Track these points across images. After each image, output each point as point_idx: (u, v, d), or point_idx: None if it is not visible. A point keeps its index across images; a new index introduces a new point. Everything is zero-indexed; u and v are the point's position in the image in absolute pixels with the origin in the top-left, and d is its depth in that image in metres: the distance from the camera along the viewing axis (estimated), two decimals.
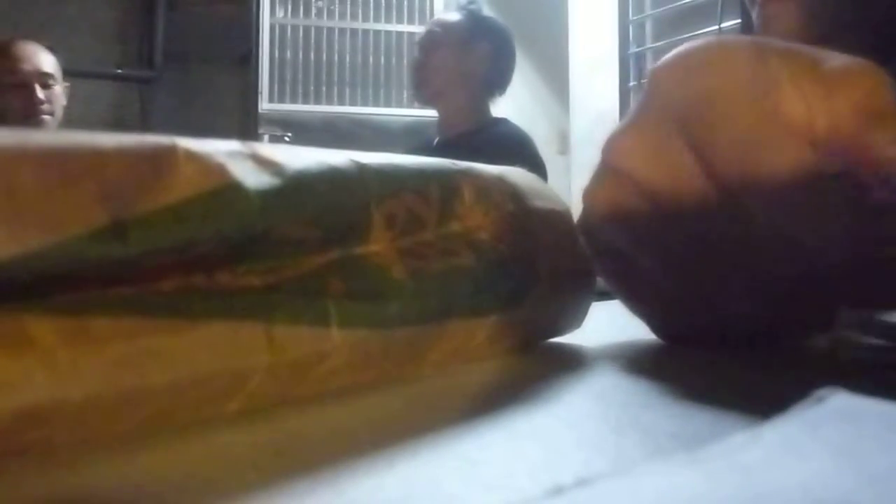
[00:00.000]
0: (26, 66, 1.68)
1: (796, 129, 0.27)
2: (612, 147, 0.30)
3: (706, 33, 2.04)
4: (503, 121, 1.78)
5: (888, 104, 0.28)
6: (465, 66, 1.72)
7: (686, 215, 0.29)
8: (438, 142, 1.77)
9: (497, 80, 1.78)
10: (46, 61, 1.72)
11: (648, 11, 2.50)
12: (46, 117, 1.67)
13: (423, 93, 1.80)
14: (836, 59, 0.28)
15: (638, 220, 0.30)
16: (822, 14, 0.89)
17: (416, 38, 1.93)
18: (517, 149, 1.65)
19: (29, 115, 1.65)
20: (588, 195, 0.31)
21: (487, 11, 1.94)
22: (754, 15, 0.94)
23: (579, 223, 0.32)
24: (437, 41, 1.74)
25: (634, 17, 2.52)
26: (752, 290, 0.29)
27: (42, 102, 1.68)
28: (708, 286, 0.30)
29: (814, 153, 0.27)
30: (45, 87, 1.70)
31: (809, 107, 0.27)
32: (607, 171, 0.30)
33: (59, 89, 1.74)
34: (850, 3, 0.88)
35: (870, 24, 0.89)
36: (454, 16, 1.83)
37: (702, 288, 0.30)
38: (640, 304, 0.33)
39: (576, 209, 0.32)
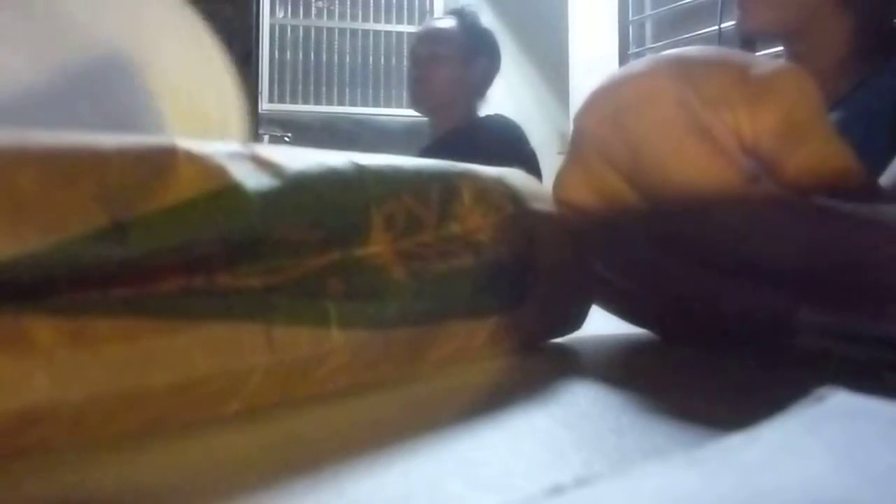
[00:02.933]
0: None
1: (728, 144, 0.28)
2: (559, 184, 0.32)
3: (706, 33, 2.04)
4: (490, 116, 1.82)
5: (808, 117, 0.28)
6: (465, 80, 1.77)
7: (635, 239, 0.29)
8: (431, 143, 1.80)
9: (486, 87, 1.84)
10: None
11: (648, 11, 2.50)
12: None
13: (423, 104, 1.83)
14: (762, 68, 0.29)
15: (598, 247, 0.31)
16: (800, 10, 0.90)
17: (411, 47, 1.95)
18: (506, 137, 1.70)
19: None
20: None
21: (485, 14, 1.98)
22: (735, 10, 0.94)
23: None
24: (439, 56, 1.77)
25: (634, 18, 2.52)
26: (720, 294, 0.29)
27: None
28: (679, 296, 0.30)
29: (751, 166, 0.27)
30: None
31: (737, 118, 0.28)
32: (560, 206, 0.31)
33: None
34: (827, 1, 0.89)
35: (846, 22, 0.90)
36: (449, 23, 1.84)
37: (675, 297, 0.31)
38: (630, 317, 0.34)
39: None
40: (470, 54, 1.78)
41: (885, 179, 0.47)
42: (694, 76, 0.28)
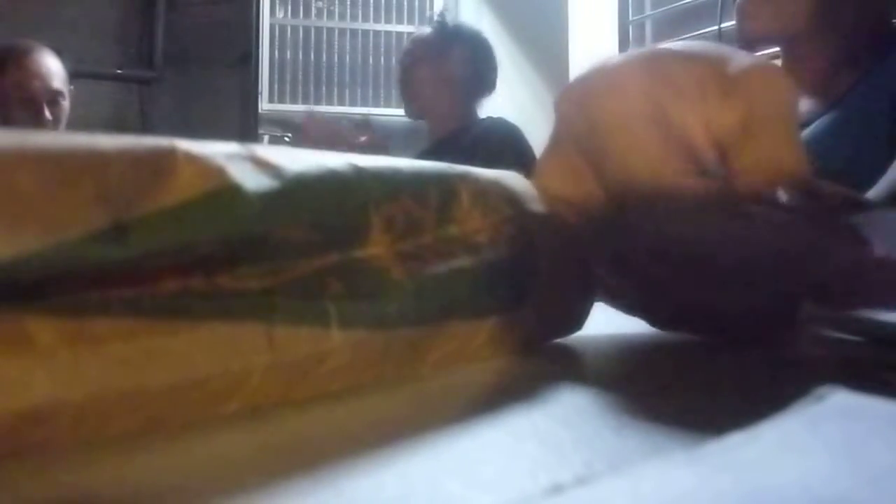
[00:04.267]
0: (37, 83, 1.62)
1: (704, 136, 0.28)
2: (538, 171, 0.32)
3: (706, 33, 2.04)
4: (490, 118, 1.83)
5: (768, 114, 0.28)
6: (444, 74, 1.79)
7: (601, 228, 0.30)
8: (429, 147, 1.81)
9: (479, 82, 1.84)
10: (58, 76, 1.65)
11: (648, 11, 2.50)
12: None
13: (412, 108, 1.87)
14: (738, 63, 0.29)
15: (580, 234, 0.31)
16: (798, 14, 0.90)
17: (398, 60, 2.00)
18: (504, 139, 1.71)
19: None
20: None
21: (476, 14, 1.99)
22: (734, 14, 0.95)
23: None
24: (415, 56, 1.82)
25: (634, 18, 2.52)
26: (693, 287, 0.29)
27: (48, 121, 1.64)
28: (654, 287, 0.30)
29: (716, 161, 0.28)
30: (54, 103, 1.65)
31: (708, 111, 0.28)
32: (540, 193, 0.31)
33: (66, 103, 1.70)
34: (824, 4, 0.89)
35: (843, 24, 0.90)
36: (426, 30, 1.89)
37: (652, 290, 0.31)
38: (617, 304, 0.34)
39: None
40: (445, 48, 1.81)
41: (880, 186, 0.47)
42: (669, 70, 0.29)
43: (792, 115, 0.28)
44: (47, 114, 1.64)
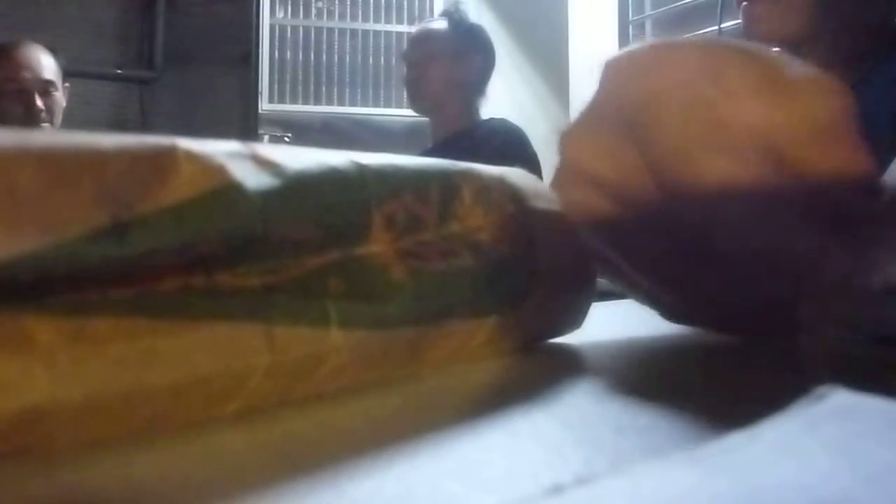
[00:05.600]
0: (27, 74, 1.63)
1: (750, 135, 0.28)
2: (568, 142, 0.31)
3: (706, 34, 2.04)
4: (493, 119, 1.83)
5: (841, 120, 0.28)
6: (458, 76, 1.79)
7: (637, 211, 0.29)
8: (433, 146, 1.81)
9: (483, 85, 1.84)
10: (48, 67, 1.67)
11: (648, 11, 2.50)
12: (44, 125, 1.64)
13: (420, 105, 1.86)
14: (799, 68, 0.29)
15: (599, 216, 0.30)
16: (805, 17, 0.90)
17: (404, 51, 1.98)
18: (507, 140, 1.71)
19: (27, 123, 1.62)
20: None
21: (484, 14, 1.97)
22: (740, 16, 0.95)
23: None
24: (431, 54, 1.80)
25: (634, 18, 2.52)
26: (718, 282, 0.29)
27: (41, 111, 1.64)
28: (677, 277, 0.30)
29: (759, 160, 0.27)
30: (45, 94, 1.65)
31: (769, 112, 0.28)
32: (566, 167, 0.30)
33: (60, 95, 1.70)
34: (830, 7, 0.89)
35: (846, 25, 0.90)
36: (441, 24, 1.87)
37: (674, 280, 0.30)
38: (633, 294, 0.34)
39: None
40: (462, 52, 1.79)
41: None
42: (725, 63, 0.28)
43: (855, 127, 0.28)
44: (39, 104, 1.64)
